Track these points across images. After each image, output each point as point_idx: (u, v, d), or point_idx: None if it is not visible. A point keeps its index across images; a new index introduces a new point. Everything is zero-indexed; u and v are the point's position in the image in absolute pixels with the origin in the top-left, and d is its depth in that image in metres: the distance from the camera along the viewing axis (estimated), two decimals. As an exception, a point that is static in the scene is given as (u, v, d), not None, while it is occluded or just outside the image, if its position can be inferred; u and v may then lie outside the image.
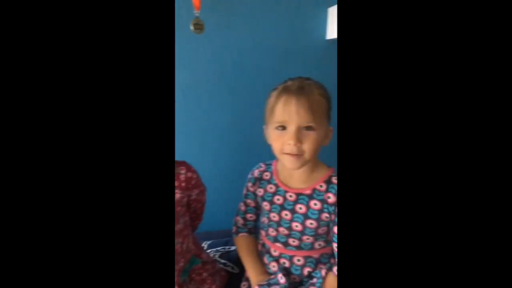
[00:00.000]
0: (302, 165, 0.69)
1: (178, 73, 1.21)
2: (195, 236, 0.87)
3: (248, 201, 0.85)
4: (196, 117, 1.20)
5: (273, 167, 0.82)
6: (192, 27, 1.04)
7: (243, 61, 1.17)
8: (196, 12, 1.03)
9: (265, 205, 0.80)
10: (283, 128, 0.66)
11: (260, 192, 0.81)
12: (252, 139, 1.27)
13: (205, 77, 1.16)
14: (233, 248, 1.14)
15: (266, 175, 0.81)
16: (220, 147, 1.25)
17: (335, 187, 0.73)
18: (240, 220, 0.87)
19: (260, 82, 1.20)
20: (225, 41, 1.13)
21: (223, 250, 1.11)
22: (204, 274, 0.82)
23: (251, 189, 0.83)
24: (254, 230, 0.89)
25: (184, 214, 0.76)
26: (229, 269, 1.04)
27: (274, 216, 0.78)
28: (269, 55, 1.17)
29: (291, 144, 0.65)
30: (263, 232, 0.85)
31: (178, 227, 0.73)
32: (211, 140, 1.24)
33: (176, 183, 0.72)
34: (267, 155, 0.81)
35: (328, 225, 0.75)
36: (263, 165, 0.83)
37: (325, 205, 0.72)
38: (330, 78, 1.24)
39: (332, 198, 0.72)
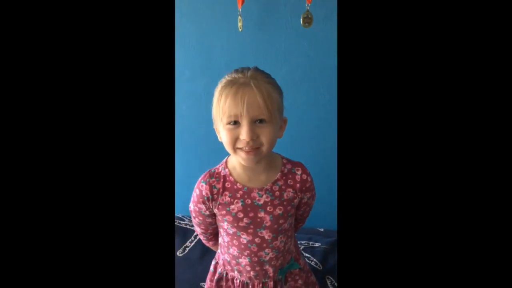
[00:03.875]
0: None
1: (277, 69, 1.25)
2: (296, 240, 0.86)
3: None
4: (292, 112, 1.21)
5: None
6: (301, 21, 1.05)
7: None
8: (307, 5, 1.03)
9: None
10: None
11: None
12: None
13: (306, 71, 1.17)
14: (317, 244, 1.14)
15: None
16: (308, 145, 1.25)
17: None
18: None
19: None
20: (328, 35, 1.11)
21: (306, 244, 1.12)
22: (299, 282, 0.81)
23: None
24: None
25: (292, 215, 0.75)
26: (312, 264, 1.05)
27: None
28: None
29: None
30: None
31: (284, 226, 0.72)
32: (300, 137, 1.25)
33: (291, 182, 0.71)
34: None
35: None
36: None
37: None
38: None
39: None
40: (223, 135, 0.63)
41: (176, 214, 1.31)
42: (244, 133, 0.59)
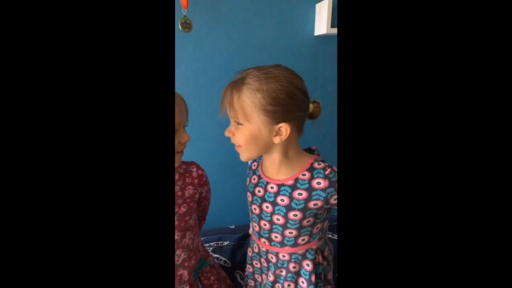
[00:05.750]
0: (247, 158, 0.70)
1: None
2: (201, 238, 0.87)
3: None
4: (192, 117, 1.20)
5: (263, 157, 0.79)
6: (180, 26, 1.05)
7: (233, 60, 1.18)
8: (184, 11, 1.03)
9: (248, 196, 0.79)
10: None
11: (247, 182, 0.81)
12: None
13: (195, 76, 1.17)
14: (225, 243, 1.16)
15: (254, 165, 0.81)
16: (211, 145, 1.27)
17: (322, 171, 0.70)
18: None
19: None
20: (214, 40, 1.14)
21: (215, 245, 1.13)
22: (212, 278, 0.84)
23: (247, 179, 0.82)
24: None
25: (195, 211, 0.78)
26: (221, 262, 1.07)
27: (255, 209, 0.76)
28: (259, 52, 1.18)
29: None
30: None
31: (190, 222, 0.74)
32: (202, 139, 1.25)
33: (189, 180, 0.75)
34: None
35: (315, 215, 0.72)
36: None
37: (313, 192, 0.70)
38: (319, 74, 1.27)
39: (322, 183, 0.69)
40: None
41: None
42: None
